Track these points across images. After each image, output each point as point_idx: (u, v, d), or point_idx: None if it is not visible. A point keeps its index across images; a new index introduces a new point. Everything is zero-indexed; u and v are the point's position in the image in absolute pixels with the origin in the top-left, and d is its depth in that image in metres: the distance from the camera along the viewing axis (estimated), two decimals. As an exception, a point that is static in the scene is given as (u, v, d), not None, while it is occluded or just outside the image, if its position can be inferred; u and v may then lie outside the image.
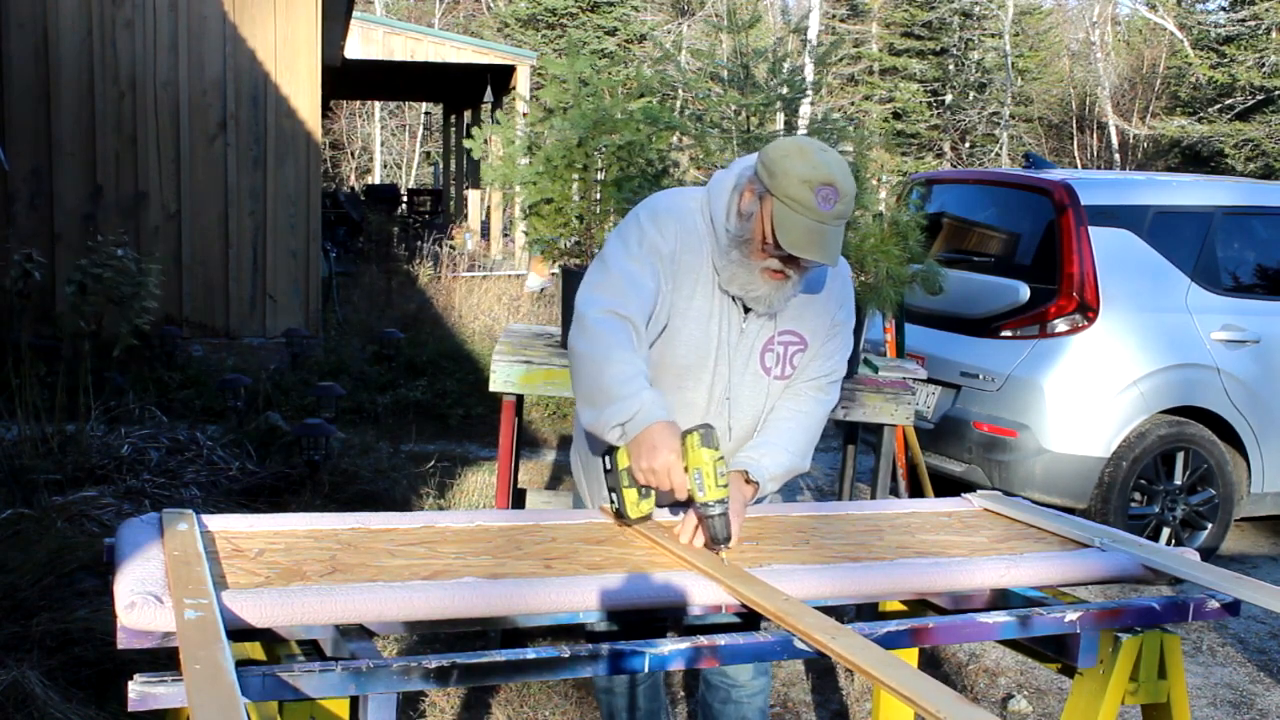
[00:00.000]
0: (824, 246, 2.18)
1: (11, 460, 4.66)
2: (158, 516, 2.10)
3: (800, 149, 2.20)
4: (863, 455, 5.25)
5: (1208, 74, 28.07)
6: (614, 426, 2.15)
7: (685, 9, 33.46)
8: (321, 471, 5.22)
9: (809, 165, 2.16)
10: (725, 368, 2.38)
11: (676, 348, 2.37)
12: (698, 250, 2.34)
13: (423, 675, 1.69)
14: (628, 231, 2.37)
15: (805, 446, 2.43)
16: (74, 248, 6.98)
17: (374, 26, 16.74)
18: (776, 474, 2.36)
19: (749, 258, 2.26)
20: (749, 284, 2.29)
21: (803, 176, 2.15)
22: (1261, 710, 3.91)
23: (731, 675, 2.62)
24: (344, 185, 30.94)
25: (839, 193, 2.16)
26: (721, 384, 2.40)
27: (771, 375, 2.41)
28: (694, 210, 2.37)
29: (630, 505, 2.24)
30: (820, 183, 2.15)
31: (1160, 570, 2.30)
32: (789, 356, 2.41)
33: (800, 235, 2.16)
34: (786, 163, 2.18)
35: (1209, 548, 5.25)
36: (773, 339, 2.39)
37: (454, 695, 3.52)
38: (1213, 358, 5.24)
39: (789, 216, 2.16)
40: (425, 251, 13.38)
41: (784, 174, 2.17)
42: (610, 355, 2.17)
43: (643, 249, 2.31)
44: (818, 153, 2.20)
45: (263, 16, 7.99)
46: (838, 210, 2.16)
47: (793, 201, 2.16)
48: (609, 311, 2.22)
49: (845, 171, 2.20)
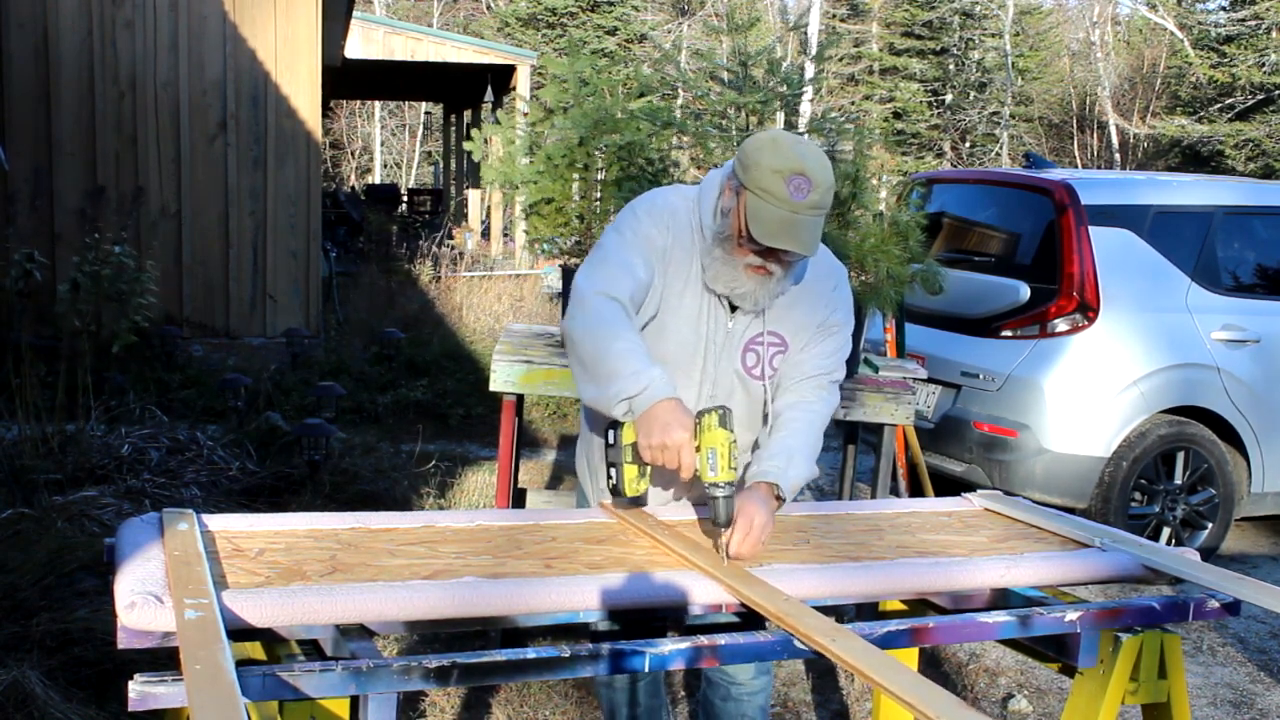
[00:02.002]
0: (797, 236, 2.16)
1: (12, 460, 4.66)
2: (158, 516, 2.10)
3: (774, 141, 2.19)
4: (863, 455, 5.25)
5: (1208, 74, 28.07)
6: (621, 400, 2.12)
7: (685, 9, 33.47)
8: (322, 471, 5.22)
9: (780, 156, 2.16)
10: (713, 366, 2.39)
11: (666, 344, 2.37)
12: (688, 248, 2.35)
13: (423, 675, 1.69)
14: (624, 223, 2.38)
15: (817, 451, 2.42)
16: (74, 247, 6.97)
17: (374, 26, 16.75)
18: (798, 485, 2.35)
19: (731, 254, 2.26)
20: (733, 281, 2.29)
21: (774, 167, 2.15)
22: (1262, 710, 3.91)
23: (732, 673, 2.62)
24: (344, 185, 30.94)
25: (812, 183, 2.14)
26: (709, 383, 2.40)
27: (751, 375, 2.40)
28: (686, 208, 2.38)
29: (628, 482, 2.21)
30: (792, 172, 2.14)
31: (1160, 570, 2.30)
32: (769, 358, 2.40)
33: (772, 225, 2.16)
34: (759, 154, 2.17)
35: (1209, 547, 5.25)
36: (756, 339, 2.38)
37: (454, 695, 3.52)
38: (1213, 357, 5.24)
39: (761, 208, 2.16)
40: (425, 251, 13.38)
41: (755, 165, 2.17)
42: (615, 332, 2.16)
43: (638, 238, 2.32)
44: (791, 145, 2.19)
45: (263, 16, 7.99)
46: (812, 200, 2.15)
47: (764, 192, 2.15)
48: (605, 294, 2.22)
49: (820, 162, 2.18)
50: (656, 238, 2.32)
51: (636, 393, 2.10)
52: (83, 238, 6.36)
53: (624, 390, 2.11)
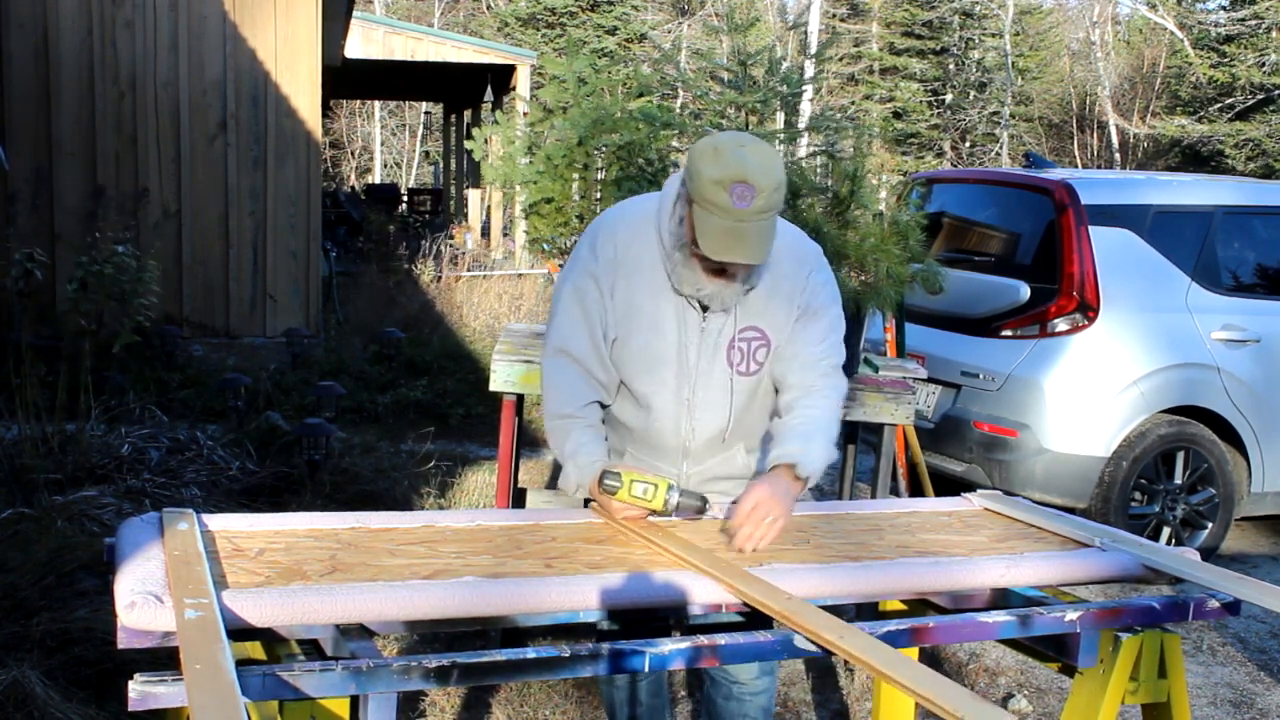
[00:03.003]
0: (744, 246, 2.14)
1: (11, 460, 4.66)
2: (158, 516, 2.10)
3: (715, 148, 2.14)
4: (863, 455, 5.25)
5: (1208, 73, 28.06)
6: (575, 488, 2.41)
7: (685, 9, 33.47)
8: (322, 471, 5.22)
9: (720, 165, 2.11)
10: (690, 368, 2.40)
11: (638, 352, 2.39)
12: (650, 253, 2.36)
13: (423, 675, 1.69)
14: (572, 262, 2.47)
15: (835, 434, 2.42)
16: (75, 247, 6.98)
17: (374, 26, 16.74)
18: (821, 464, 2.34)
19: (690, 259, 2.26)
20: (698, 284, 2.29)
21: (714, 178, 2.10)
22: (1261, 710, 3.91)
23: (735, 673, 2.62)
24: (344, 185, 30.94)
25: (756, 188, 2.09)
26: (687, 384, 2.41)
27: (736, 370, 2.40)
28: (645, 216, 2.39)
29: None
30: (733, 181, 2.09)
31: (1160, 570, 2.30)
32: (752, 352, 2.41)
33: (718, 239, 2.14)
34: (700, 164, 2.13)
35: (1209, 547, 5.25)
36: (736, 335, 2.39)
37: (454, 695, 3.52)
38: (1213, 357, 5.24)
39: (706, 219, 2.14)
40: (426, 251, 13.38)
41: (697, 175, 2.13)
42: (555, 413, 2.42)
43: (583, 275, 2.41)
44: (732, 150, 2.12)
45: (263, 16, 7.99)
46: (757, 206, 2.10)
47: (708, 204, 2.12)
48: (559, 351, 2.43)
49: (764, 165, 2.12)
50: (595, 265, 2.39)
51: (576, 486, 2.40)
52: (83, 238, 6.38)
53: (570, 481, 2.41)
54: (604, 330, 2.40)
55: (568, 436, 2.40)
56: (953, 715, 1.56)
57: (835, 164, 4.72)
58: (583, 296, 2.40)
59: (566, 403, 2.42)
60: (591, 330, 2.39)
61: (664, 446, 2.47)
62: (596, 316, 2.39)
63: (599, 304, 2.39)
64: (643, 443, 2.49)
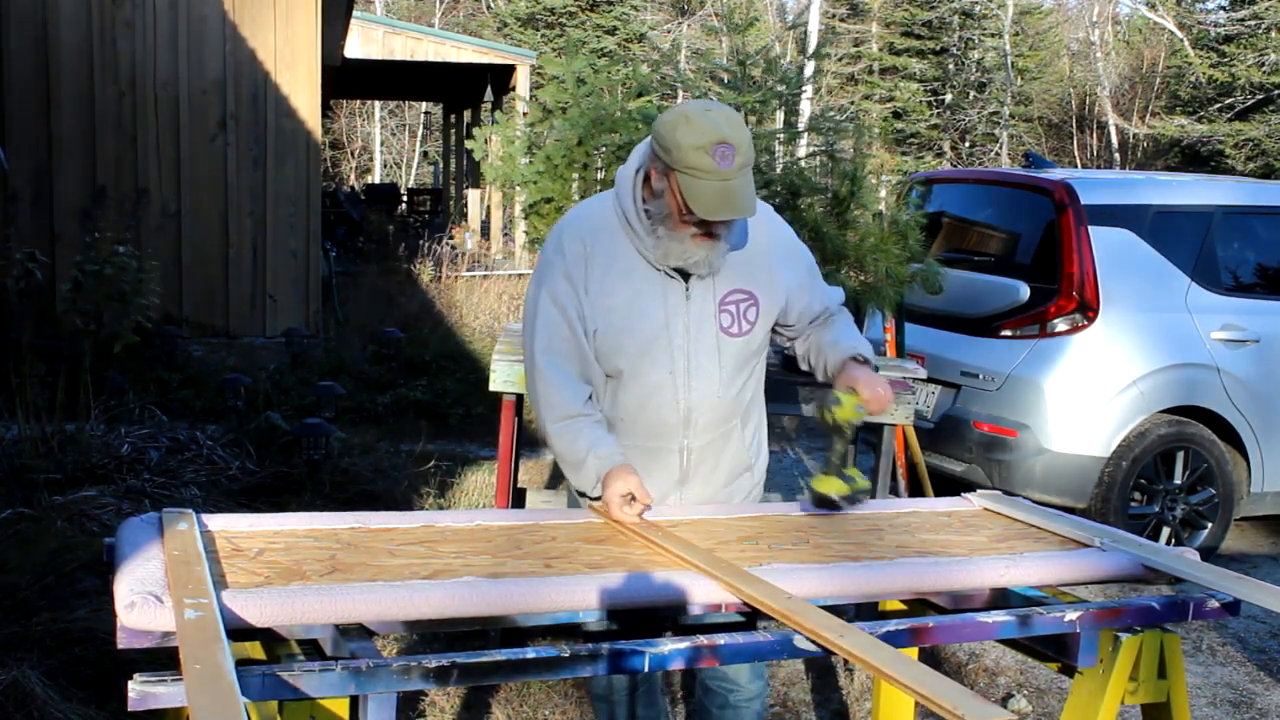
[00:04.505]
0: (735, 202, 2.26)
1: (11, 460, 4.66)
2: (158, 516, 2.10)
3: (685, 116, 2.26)
4: (863, 455, 5.25)
5: (1207, 73, 28.05)
6: (596, 483, 2.40)
7: (685, 9, 33.47)
8: (321, 471, 5.22)
9: (698, 130, 2.22)
10: (682, 339, 2.44)
11: (625, 337, 2.43)
12: (617, 242, 2.43)
13: (423, 675, 1.69)
14: (541, 268, 2.52)
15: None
16: (75, 247, 6.98)
17: (374, 26, 16.74)
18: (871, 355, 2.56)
19: (675, 230, 2.34)
20: (684, 253, 2.36)
21: (695, 144, 2.21)
22: (1261, 710, 3.92)
23: (728, 679, 2.62)
24: (344, 185, 30.93)
25: (734, 146, 2.22)
26: (681, 357, 2.45)
27: (729, 334, 2.47)
28: (604, 210, 2.47)
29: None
30: (714, 143, 2.21)
31: (1160, 570, 2.30)
32: (742, 313, 2.48)
33: (711, 200, 2.24)
34: (677, 134, 2.24)
35: (1209, 547, 5.25)
36: (723, 299, 2.46)
37: (454, 695, 3.52)
38: (1213, 357, 5.24)
39: (695, 185, 2.24)
40: (425, 251, 13.38)
41: (677, 146, 2.23)
42: (559, 415, 2.42)
43: (555, 277, 2.44)
44: (701, 115, 2.26)
45: (263, 16, 7.99)
46: (739, 163, 2.23)
47: (694, 170, 2.23)
48: (546, 354, 2.44)
49: (734, 123, 2.26)
50: (562, 263, 2.44)
51: (594, 483, 2.40)
52: (83, 237, 6.37)
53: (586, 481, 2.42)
54: (584, 326, 2.44)
55: (579, 435, 2.41)
56: (952, 714, 1.56)
57: (835, 164, 4.73)
58: (558, 298, 2.43)
59: (568, 403, 2.43)
60: (573, 329, 2.43)
61: (664, 422, 2.48)
62: (575, 314, 2.43)
63: (576, 302, 2.43)
64: (639, 427, 2.50)
